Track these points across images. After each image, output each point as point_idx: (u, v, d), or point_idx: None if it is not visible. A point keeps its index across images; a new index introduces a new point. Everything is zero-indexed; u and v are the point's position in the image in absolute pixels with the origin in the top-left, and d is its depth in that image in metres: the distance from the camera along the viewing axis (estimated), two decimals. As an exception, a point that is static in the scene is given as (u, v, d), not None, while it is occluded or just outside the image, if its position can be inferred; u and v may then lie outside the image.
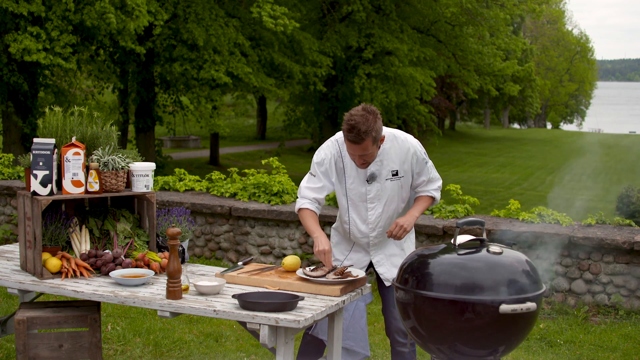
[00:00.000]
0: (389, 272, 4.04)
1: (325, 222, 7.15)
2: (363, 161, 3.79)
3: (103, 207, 4.19)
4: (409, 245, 4.13)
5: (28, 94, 14.59)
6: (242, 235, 7.59)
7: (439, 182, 4.03)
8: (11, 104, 14.53)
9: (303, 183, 3.97)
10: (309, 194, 3.92)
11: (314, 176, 3.93)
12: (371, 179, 3.88)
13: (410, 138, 3.95)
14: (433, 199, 4.02)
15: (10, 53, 13.11)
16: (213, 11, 16.11)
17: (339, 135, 3.92)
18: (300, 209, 3.93)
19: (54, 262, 3.81)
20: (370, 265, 4.11)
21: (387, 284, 4.05)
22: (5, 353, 5.01)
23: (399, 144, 3.89)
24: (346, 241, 4.12)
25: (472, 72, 22.28)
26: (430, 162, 4.00)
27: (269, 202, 7.55)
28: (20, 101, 14.60)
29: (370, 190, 3.90)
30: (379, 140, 3.74)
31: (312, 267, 3.73)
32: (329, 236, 4.14)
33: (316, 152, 3.97)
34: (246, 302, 3.29)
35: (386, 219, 3.95)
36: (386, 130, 3.89)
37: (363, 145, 3.66)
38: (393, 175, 3.89)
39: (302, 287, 3.60)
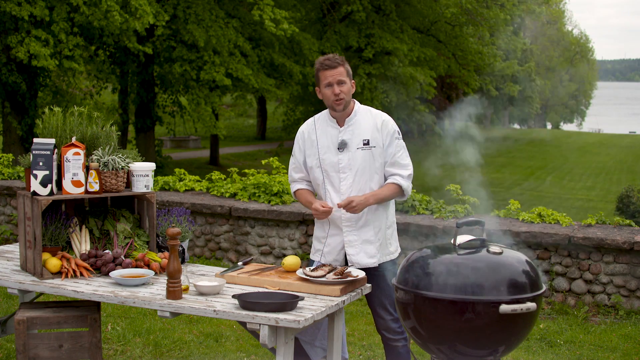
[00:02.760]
0: (357, 256, 3.96)
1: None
2: (339, 91, 3.88)
3: (103, 207, 4.19)
4: (385, 237, 4.04)
5: (26, 95, 14.58)
6: (242, 235, 7.59)
7: (408, 170, 3.97)
8: (8, 104, 14.52)
9: (289, 167, 4.22)
10: (294, 175, 4.15)
11: (293, 156, 4.15)
12: (342, 145, 3.94)
13: (385, 114, 4.07)
14: (400, 187, 3.93)
15: (12, 54, 13.08)
16: (213, 12, 16.11)
17: (318, 114, 4.11)
18: (294, 193, 4.17)
19: (54, 262, 3.81)
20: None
21: (351, 265, 3.94)
22: (5, 353, 5.01)
23: (372, 116, 4.01)
24: (324, 223, 4.06)
25: (472, 72, 22.28)
26: (402, 143, 4.01)
27: (269, 202, 7.55)
28: (18, 102, 14.58)
29: (342, 159, 3.95)
30: (351, 78, 3.97)
31: (312, 267, 3.72)
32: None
33: None
34: (246, 302, 3.29)
35: (357, 190, 3.93)
36: (363, 106, 4.07)
37: (338, 69, 3.88)
38: (364, 144, 3.93)
39: (302, 287, 3.60)
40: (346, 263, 4.02)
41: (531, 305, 3.12)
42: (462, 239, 3.37)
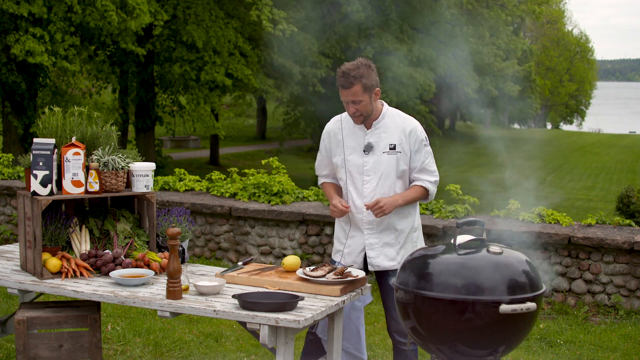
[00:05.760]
0: (378, 258, 3.99)
1: (326, 222, 7.16)
2: (355, 110, 3.85)
3: (103, 207, 4.19)
4: (409, 241, 4.06)
5: (25, 95, 14.58)
6: (242, 235, 7.59)
7: (436, 177, 4.01)
8: (8, 104, 14.52)
9: (316, 163, 4.25)
10: (321, 171, 4.18)
11: (320, 153, 4.17)
12: (368, 148, 3.94)
13: (414, 120, 4.03)
14: (426, 190, 3.97)
15: (12, 54, 13.09)
16: (213, 12, 16.11)
17: (345, 112, 4.07)
18: (321, 185, 4.24)
19: (54, 262, 3.81)
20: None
21: (371, 268, 4.02)
22: (5, 353, 5.01)
23: (400, 120, 3.98)
24: (345, 224, 4.09)
25: (472, 72, 22.27)
26: (429, 149, 4.03)
27: (269, 202, 7.55)
28: (17, 102, 14.58)
29: (367, 162, 3.95)
30: (373, 91, 3.87)
31: (312, 267, 3.73)
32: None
33: None
34: (246, 302, 3.29)
35: (381, 194, 3.94)
36: (392, 109, 4.02)
37: (352, 90, 3.80)
38: (390, 149, 3.93)
39: (302, 287, 3.60)
40: (365, 264, 4.04)
41: (531, 305, 3.12)
42: (462, 239, 3.37)
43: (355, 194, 3.99)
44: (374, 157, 3.93)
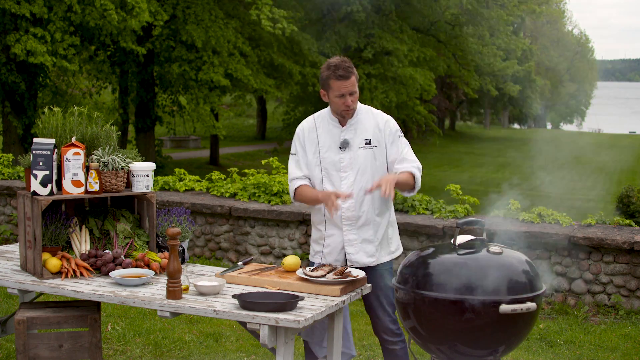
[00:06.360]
0: (357, 254, 3.95)
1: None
2: (351, 101, 3.87)
3: (103, 207, 4.19)
4: (386, 237, 4.03)
5: (25, 95, 14.57)
6: (242, 235, 7.59)
7: (419, 165, 3.97)
8: (8, 104, 14.52)
9: (289, 166, 4.09)
10: (296, 173, 4.02)
11: (295, 154, 4.06)
12: (344, 145, 3.94)
13: (386, 114, 4.07)
14: (412, 175, 3.90)
15: (12, 53, 13.10)
16: (212, 12, 16.10)
17: (317, 113, 4.09)
18: (295, 190, 4.02)
19: (54, 262, 3.81)
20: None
21: (353, 265, 3.96)
22: (5, 353, 5.01)
23: (373, 115, 4.02)
24: (320, 225, 4.04)
25: (472, 72, 22.28)
26: (405, 140, 4.02)
27: (269, 202, 7.55)
28: (17, 102, 14.58)
29: (344, 158, 3.94)
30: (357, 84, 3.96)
31: (312, 267, 3.72)
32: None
33: None
34: (246, 302, 3.29)
35: (358, 190, 3.92)
36: (364, 106, 4.06)
37: (352, 80, 3.86)
38: (366, 143, 3.94)
39: (302, 287, 3.60)
40: (346, 262, 4.02)
41: (531, 305, 3.12)
42: (462, 239, 3.37)
43: (333, 190, 3.96)
44: (350, 153, 3.94)
